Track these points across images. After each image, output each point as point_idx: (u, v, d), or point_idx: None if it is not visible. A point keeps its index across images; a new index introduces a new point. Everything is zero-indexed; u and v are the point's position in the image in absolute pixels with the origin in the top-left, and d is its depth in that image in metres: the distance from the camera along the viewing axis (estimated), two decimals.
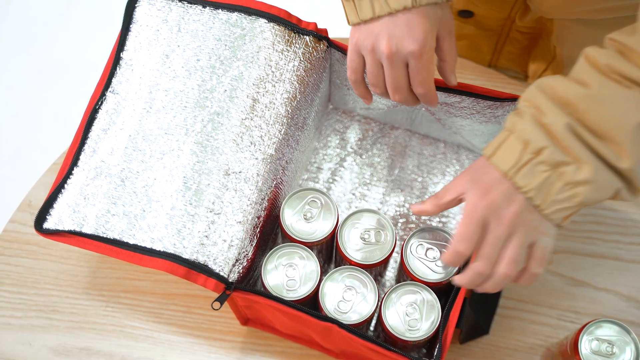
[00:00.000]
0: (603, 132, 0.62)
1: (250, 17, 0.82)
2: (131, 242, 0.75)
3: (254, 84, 0.80)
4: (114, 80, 0.81)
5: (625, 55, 0.62)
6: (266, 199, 0.79)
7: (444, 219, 0.92)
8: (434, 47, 0.72)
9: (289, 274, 0.78)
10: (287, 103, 0.81)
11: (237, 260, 0.76)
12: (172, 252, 0.74)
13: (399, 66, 0.71)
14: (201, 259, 0.74)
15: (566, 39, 0.94)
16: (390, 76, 0.72)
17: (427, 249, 0.79)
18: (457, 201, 0.70)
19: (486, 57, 1.07)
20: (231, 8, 0.82)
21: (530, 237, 0.66)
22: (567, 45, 0.95)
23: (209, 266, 0.74)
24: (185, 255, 0.74)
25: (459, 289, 0.75)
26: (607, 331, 0.76)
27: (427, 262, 0.79)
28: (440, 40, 0.73)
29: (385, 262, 0.80)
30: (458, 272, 0.77)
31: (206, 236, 0.75)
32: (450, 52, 0.74)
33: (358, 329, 0.74)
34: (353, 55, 0.74)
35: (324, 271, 0.81)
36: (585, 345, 0.75)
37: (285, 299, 0.76)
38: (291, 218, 0.80)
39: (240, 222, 0.76)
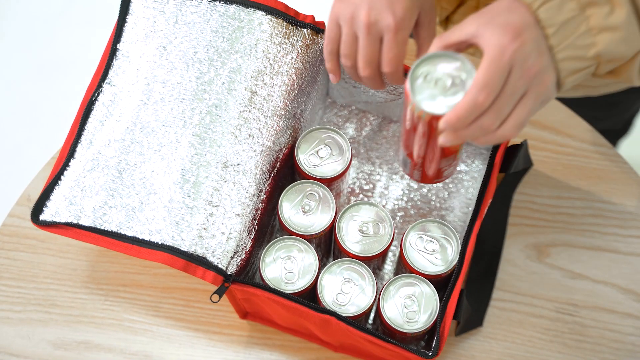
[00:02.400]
0: None
1: (248, 10, 0.82)
2: (129, 234, 0.75)
3: (252, 77, 0.80)
4: (110, 71, 0.81)
5: None
6: (264, 191, 0.79)
7: (443, 212, 0.92)
8: (411, 28, 0.70)
9: (287, 266, 0.78)
10: (285, 95, 0.81)
11: (235, 253, 0.76)
12: (171, 244, 0.74)
13: (375, 39, 0.70)
14: (199, 252, 0.74)
15: None
16: (364, 47, 0.70)
17: (426, 242, 0.79)
18: (465, 45, 0.63)
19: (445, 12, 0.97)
20: (229, 0, 0.82)
21: (543, 99, 0.61)
22: None
23: (208, 258, 0.74)
24: (184, 248, 0.74)
25: (455, 281, 0.75)
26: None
27: (426, 255, 0.79)
28: (420, 27, 0.71)
29: (383, 255, 0.80)
30: (455, 268, 0.77)
31: (204, 228, 0.75)
32: (427, 41, 0.72)
33: (356, 322, 0.74)
34: (332, 24, 0.73)
35: (322, 264, 0.81)
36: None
37: (284, 291, 0.76)
38: (289, 211, 0.80)
39: (238, 214, 0.76)
